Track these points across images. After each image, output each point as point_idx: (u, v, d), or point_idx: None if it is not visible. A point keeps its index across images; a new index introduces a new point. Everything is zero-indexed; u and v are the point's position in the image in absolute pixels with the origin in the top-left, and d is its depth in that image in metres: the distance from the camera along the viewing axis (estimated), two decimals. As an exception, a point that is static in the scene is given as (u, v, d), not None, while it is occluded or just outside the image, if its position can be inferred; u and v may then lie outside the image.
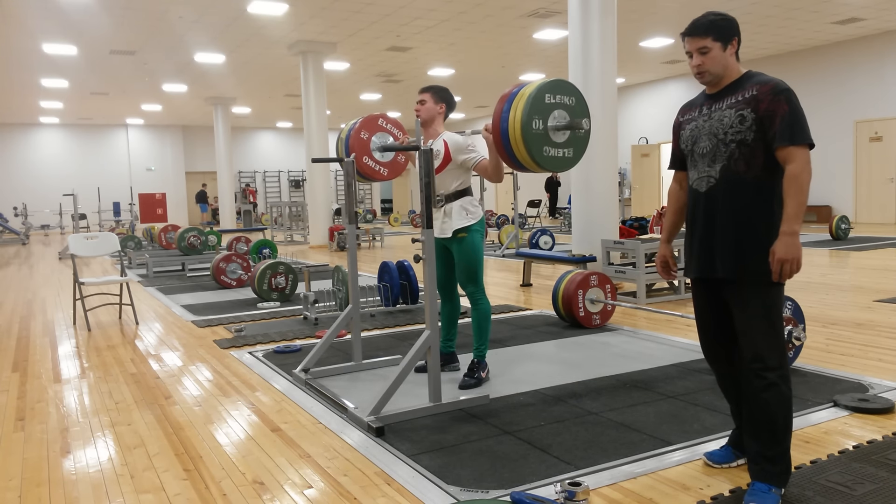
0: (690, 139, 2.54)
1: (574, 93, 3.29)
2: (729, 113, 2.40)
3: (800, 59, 16.37)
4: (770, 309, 2.36)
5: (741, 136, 2.36)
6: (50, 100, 19.82)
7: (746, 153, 2.35)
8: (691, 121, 2.57)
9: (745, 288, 2.38)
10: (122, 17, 11.35)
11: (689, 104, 2.65)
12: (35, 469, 2.91)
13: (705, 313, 2.60)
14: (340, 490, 2.58)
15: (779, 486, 2.32)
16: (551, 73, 18.16)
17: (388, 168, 4.31)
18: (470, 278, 3.89)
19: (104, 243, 6.32)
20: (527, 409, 3.40)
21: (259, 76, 17.20)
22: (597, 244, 7.29)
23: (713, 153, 2.44)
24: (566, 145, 3.28)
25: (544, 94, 3.17)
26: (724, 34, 2.40)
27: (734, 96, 2.41)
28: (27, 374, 4.55)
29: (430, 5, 11.28)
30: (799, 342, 3.81)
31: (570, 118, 3.27)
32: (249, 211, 23.71)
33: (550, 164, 3.24)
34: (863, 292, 6.45)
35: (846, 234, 11.74)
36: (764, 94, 2.32)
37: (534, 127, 3.16)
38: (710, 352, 2.63)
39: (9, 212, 23.56)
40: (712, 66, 2.42)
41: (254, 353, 4.86)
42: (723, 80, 2.46)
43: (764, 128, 2.32)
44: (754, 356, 2.35)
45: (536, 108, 3.15)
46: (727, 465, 2.65)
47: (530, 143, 3.15)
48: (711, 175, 2.44)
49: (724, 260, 2.41)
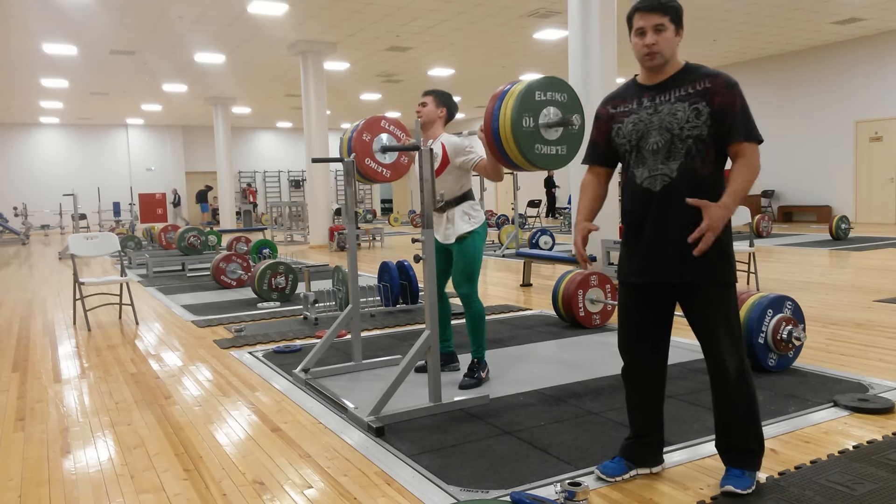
0: (635, 133, 2.39)
1: (566, 89, 3.24)
2: (682, 106, 2.29)
3: (800, 59, 16.36)
4: (730, 310, 2.35)
5: (697, 130, 2.27)
6: (50, 100, 19.83)
7: (702, 149, 2.28)
8: (630, 113, 2.42)
9: (705, 290, 2.33)
10: (122, 17, 11.35)
11: (618, 95, 2.50)
12: (35, 469, 2.91)
13: (636, 316, 2.47)
14: (340, 490, 2.58)
15: (752, 470, 2.40)
16: (551, 73, 18.16)
17: (390, 169, 4.31)
18: (466, 278, 3.87)
19: (104, 243, 6.32)
20: (527, 409, 3.40)
21: (259, 76, 17.20)
22: (597, 244, 7.29)
23: (667, 149, 2.32)
24: (559, 142, 3.23)
25: (534, 91, 3.12)
26: (678, 18, 2.32)
27: (683, 88, 2.31)
28: (27, 374, 4.55)
29: (430, 5, 11.28)
30: (799, 342, 3.81)
31: (563, 115, 3.21)
32: (249, 211, 23.71)
33: (543, 162, 3.19)
34: (863, 292, 6.45)
35: (846, 234, 11.74)
36: (718, 86, 2.25)
37: (524, 125, 3.10)
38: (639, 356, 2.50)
39: (9, 212, 23.55)
40: (665, 48, 2.31)
41: (254, 353, 4.86)
42: (667, 68, 2.36)
43: (717, 122, 2.26)
44: (718, 357, 2.36)
45: (526, 105, 3.10)
46: (620, 478, 2.53)
47: (521, 141, 3.10)
48: (666, 173, 2.32)
49: (681, 262, 2.31)
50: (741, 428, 2.40)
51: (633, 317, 2.49)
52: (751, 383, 2.39)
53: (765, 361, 3.78)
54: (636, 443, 2.58)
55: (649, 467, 2.59)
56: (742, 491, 2.34)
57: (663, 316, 2.47)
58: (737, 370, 2.36)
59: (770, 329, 3.77)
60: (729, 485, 2.36)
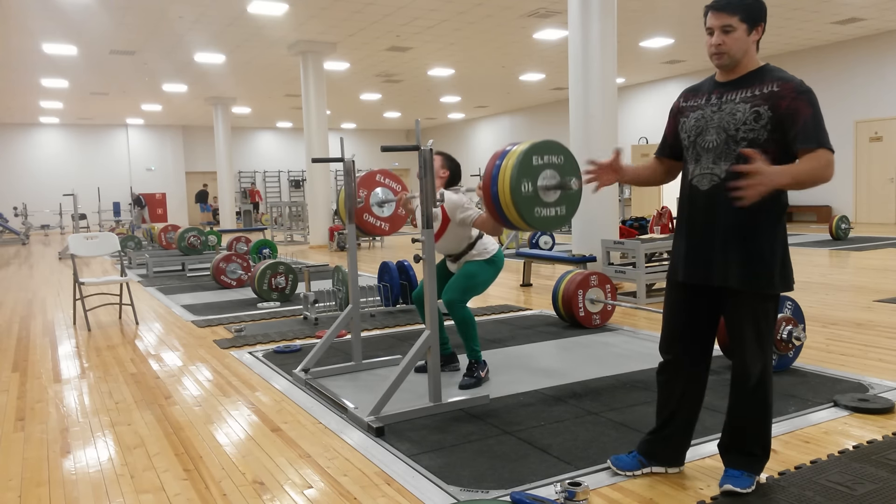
0: (695, 130, 2.35)
1: (562, 151, 3.20)
2: (743, 107, 2.22)
3: (800, 59, 16.36)
4: (764, 322, 2.32)
5: (754, 134, 2.20)
6: (50, 100, 19.82)
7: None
8: (696, 108, 2.37)
9: (745, 300, 2.30)
10: (122, 17, 11.35)
11: (695, 89, 2.44)
12: (35, 469, 2.91)
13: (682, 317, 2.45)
14: (340, 490, 2.58)
15: (752, 472, 2.40)
16: (551, 72, 18.17)
17: (388, 222, 4.43)
18: (455, 291, 3.84)
19: (104, 243, 6.32)
20: (527, 409, 3.40)
21: (259, 76, 17.20)
22: (597, 244, 7.29)
23: (720, 149, 2.27)
24: (558, 203, 3.18)
25: (531, 156, 3.08)
26: (753, 16, 2.21)
27: (750, 89, 2.23)
28: (27, 374, 4.55)
29: (430, 5, 11.28)
30: (799, 342, 3.81)
31: (560, 177, 3.16)
32: (249, 211, 23.71)
33: (543, 224, 3.17)
34: (863, 292, 6.45)
35: (846, 234, 11.74)
36: (787, 91, 2.16)
37: (523, 190, 3.08)
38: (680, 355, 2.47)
39: (9, 212, 23.54)
40: (733, 48, 2.22)
41: (254, 353, 4.86)
42: (739, 67, 2.27)
43: (782, 128, 2.17)
44: (742, 363, 2.35)
45: (524, 171, 3.07)
46: (631, 473, 2.54)
47: (521, 207, 3.07)
48: (716, 173, 2.27)
49: (725, 269, 2.28)
50: (750, 432, 2.39)
51: (678, 316, 2.46)
52: (769, 392, 2.37)
53: (765, 361, 3.78)
54: (654, 437, 2.56)
55: (665, 466, 2.55)
56: (742, 490, 2.34)
57: (706, 317, 2.42)
58: (758, 378, 2.34)
59: (770, 329, 3.77)
60: (728, 484, 2.36)
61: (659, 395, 2.57)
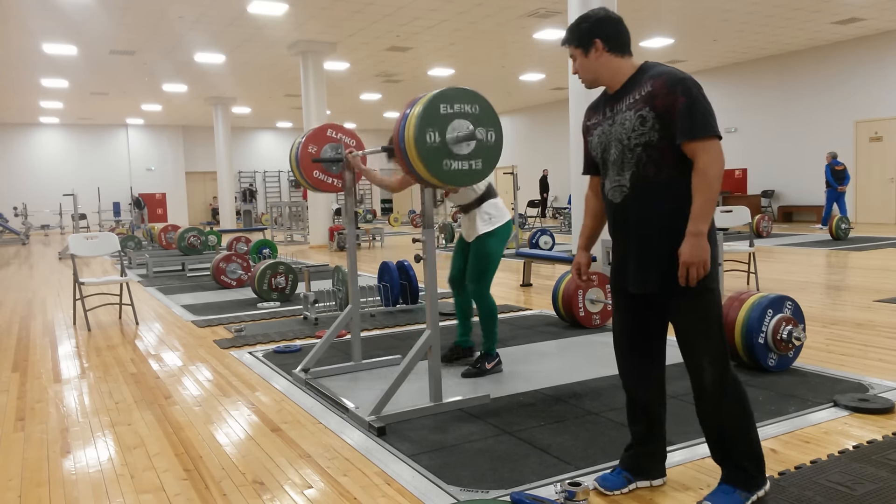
0: (600, 147, 2.36)
1: (476, 100, 3.04)
2: (629, 115, 2.22)
3: (800, 59, 16.36)
4: (706, 318, 2.22)
5: (645, 137, 2.19)
6: (50, 100, 19.82)
7: (655, 155, 2.19)
8: (597, 125, 2.38)
9: (676, 301, 2.24)
10: (121, 17, 11.35)
11: (593, 106, 2.45)
12: (35, 469, 2.91)
13: (623, 325, 2.42)
14: (340, 490, 2.58)
15: (746, 491, 2.26)
16: (551, 72, 18.17)
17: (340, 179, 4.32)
18: (476, 278, 4.02)
19: (104, 243, 6.32)
20: (527, 409, 3.40)
21: (259, 76, 17.20)
22: (597, 244, 7.29)
23: (621, 160, 2.26)
24: (472, 157, 3.04)
25: (438, 104, 2.95)
26: (582, 40, 2.29)
27: (631, 95, 2.24)
28: (27, 374, 4.55)
29: (430, 5, 11.28)
30: (799, 342, 3.81)
31: (474, 127, 3.00)
32: (249, 211, 23.71)
33: (454, 179, 3.02)
34: (863, 292, 6.45)
35: (846, 234, 11.74)
36: (658, 88, 2.16)
37: (429, 140, 2.93)
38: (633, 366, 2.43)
39: (9, 212, 23.55)
40: (583, 73, 2.33)
41: (254, 353, 4.86)
42: (614, 79, 2.30)
43: (666, 125, 2.15)
44: (692, 366, 2.26)
45: (428, 119, 2.92)
46: (619, 492, 2.43)
47: (426, 158, 2.93)
48: (622, 184, 2.27)
49: (645, 274, 2.25)
50: (727, 445, 2.28)
51: (619, 326, 2.44)
52: (739, 399, 2.25)
53: (765, 361, 3.78)
54: (636, 452, 2.49)
55: (650, 480, 2.48)
56: None
57: (649, 324, 2.38)
58: (715, 382, 2.23)
59: (770, 329, 3.77)
60: (707, 501, 2.26)
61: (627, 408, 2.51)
